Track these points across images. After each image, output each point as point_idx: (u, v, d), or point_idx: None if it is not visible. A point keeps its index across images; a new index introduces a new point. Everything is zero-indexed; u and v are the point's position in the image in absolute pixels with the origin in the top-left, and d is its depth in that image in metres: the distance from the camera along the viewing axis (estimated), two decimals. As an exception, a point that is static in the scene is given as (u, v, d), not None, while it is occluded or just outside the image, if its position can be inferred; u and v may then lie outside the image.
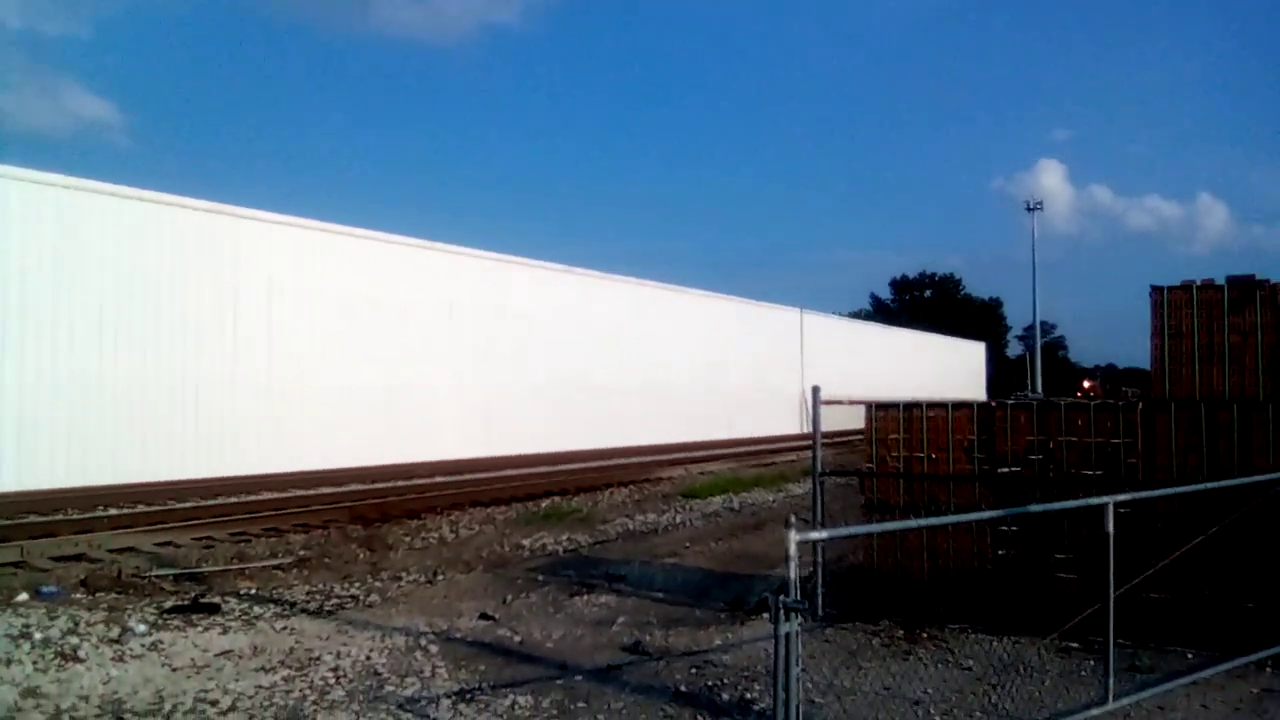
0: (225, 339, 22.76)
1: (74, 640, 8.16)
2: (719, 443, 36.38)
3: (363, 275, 26.42)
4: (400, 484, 21.53)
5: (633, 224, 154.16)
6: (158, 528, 14.40)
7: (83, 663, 7.57)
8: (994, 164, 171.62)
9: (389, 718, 6.40)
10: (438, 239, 29.84)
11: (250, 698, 6.75)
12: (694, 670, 7.34)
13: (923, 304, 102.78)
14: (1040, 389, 66.06)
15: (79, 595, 10.16)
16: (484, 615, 9.30)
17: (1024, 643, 7.67)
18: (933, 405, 9.26)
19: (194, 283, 22.17)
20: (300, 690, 6.93)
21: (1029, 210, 72.24)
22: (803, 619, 4.63)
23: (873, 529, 7.72)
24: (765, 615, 8.59)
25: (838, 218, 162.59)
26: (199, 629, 8.70)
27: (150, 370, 21.06)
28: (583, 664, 7.59)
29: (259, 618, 9.20)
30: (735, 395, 41.78)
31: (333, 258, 25.69)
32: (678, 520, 16.52)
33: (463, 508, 17.75)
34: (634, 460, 28.75)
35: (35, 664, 7.52)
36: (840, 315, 68.05)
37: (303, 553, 13.02)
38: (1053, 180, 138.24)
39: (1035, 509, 7.12)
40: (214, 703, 6.65)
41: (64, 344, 19.62)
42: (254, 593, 10.42)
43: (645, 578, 11.22)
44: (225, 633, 8.60)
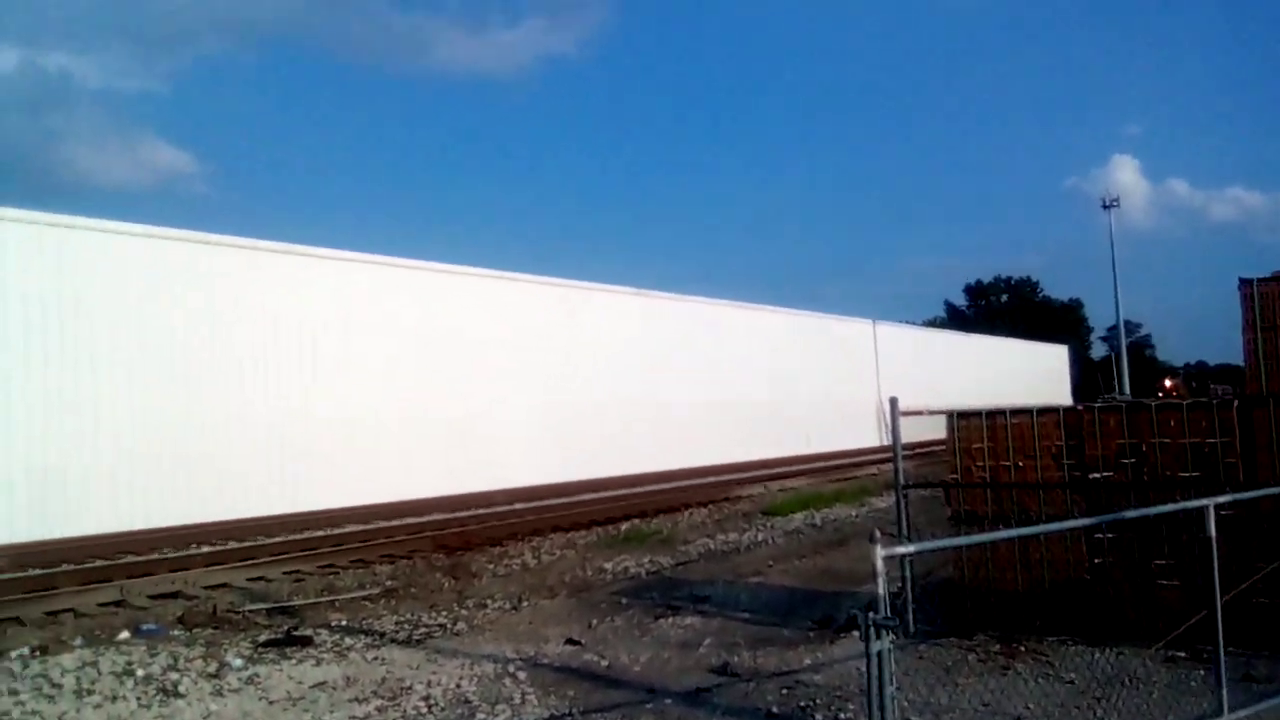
0: (304, 375, 23.27)
1: (174, 676, 8.37)
2: (795, 458, 35.99)
3: (435, 307, 26.86)
4: (480, 511, 21.72)
5: (699, 243, 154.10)
6: (249, 563, 14.73)
7: (183, 698, 7.76)
8: (1067, 162, 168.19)
9: (481, 746, 6.42)
10: (505, 268, 30.25)
11: (345, 729, 6.84)
12: (785, 691, 7.23)
13: (999, 309, 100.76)
14: (1128, 390, 64.10)
15: (177, 632, 10.43)
16: (570, 640, 9.31)
17: (1127, 653, 7.41)
18: (1016, 412, 9.04)
19: (272, 322, 22.76)
20: (393, 720, 7.00)
21: (1105, 208, 70.37)
22: (894, 636, 4.52)
23: (962, 541, 7.52)
24: (855, 633, 8.43)
25: (908, 225, 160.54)
26: (293, 661, 8.86)
27: (234, 409, 21.63)
28: (671, 687, 7.54)
29: (350, 649, 9.34)
30: (810, 410, 41.34)
31: (405, 291, 26.17)
32: (759, 538, 16.37)
33: (543, 533, 17.84)
34: (711, 480, 28.60)
35: (139, 700, 7.73)
36: (914, 324, 67.06)
37: (389, 583, 13.20)
38: (1128, 176, 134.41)
39: (1131, 515, 6.88)
40: (311, 734, 6.75)
41: (154, 385, 20.28)
42: (344, 624, 10.58)
43: (730, 598, 11.13)
44: (318, 664, 8.74)
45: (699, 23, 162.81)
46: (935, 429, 9.91)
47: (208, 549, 16.48)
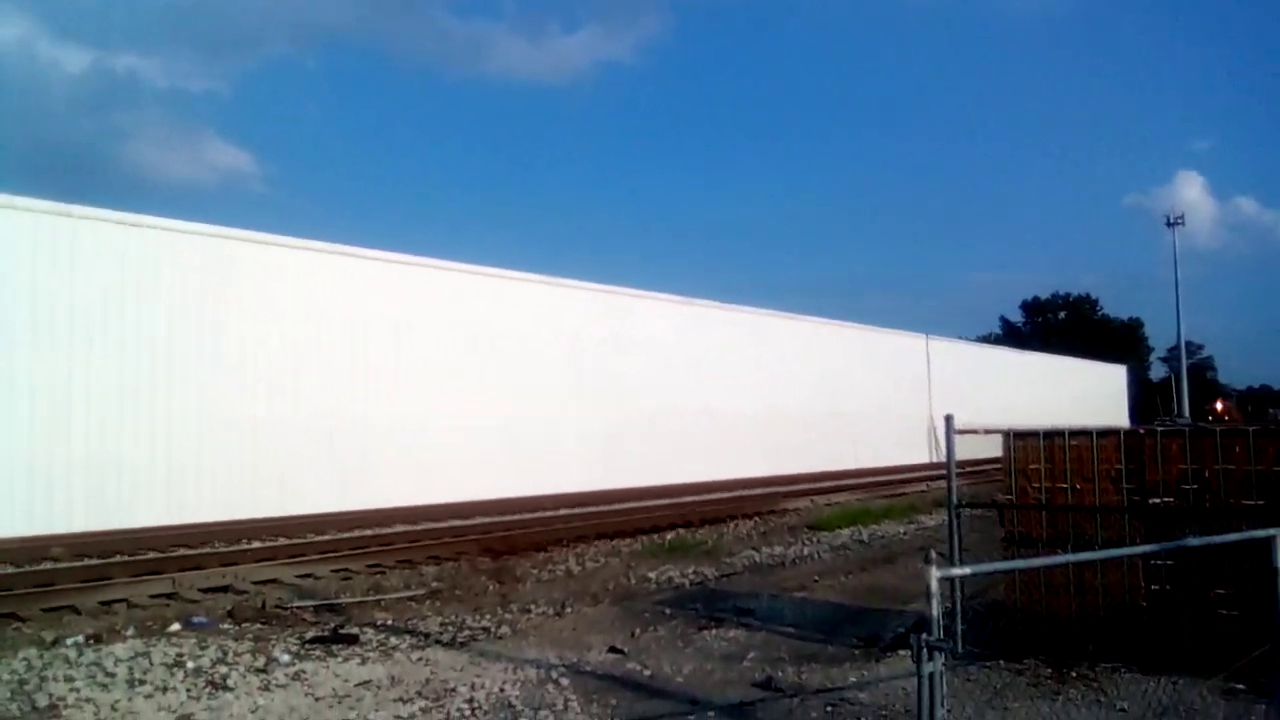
0: (357, 376, 23.60)
1: (223, 669, 8.50)
2: (844, 473, 35.66)
3: (485, 312, 27.08)
4: (526, 516, 21.82)
5: (753, 253, 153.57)
6: (298, 560, 14.93)
7: (232, 691, 7.87)
8: (1129, 178, 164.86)
9: (523, 751, 6.42)
10: (557, 274, 30.41)
11: (389, 728, 6.89)
12: (829, 709, 7.14)
13: (1056, 326, 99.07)
14: (1187, 413, 62.62)
15: (226, 625, 10.59)
16: (613, 648, 9.29)
17: (1183, 684, 7.21)
18: (1075, 433, 8.84)
19: (327, 323, 23.11)
20: (437, 722, 7.03)
21: (1169, 225, 68.88)
22: (946, 658, 4.44)
23: (1017, 565, 7.37)
24: (902, 652, 8.33)
25: (965, 239, 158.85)
26: (339, 659, 8.95)
27: (288, 407, 22.00)
28: (714, 700, 7.48)
29: (395, 648, 9.41)
30: (859, 424, 40.96)
31: (456, 295, 26.43)
32: (805, 553, 16.22)
33: (588, 540, 17.85)
34: (757, 491, 28.43)
35: (189, 692, 7.85)
36: (968, 340, 66.17)
37: (435, 584, 13.29)
38: (1193, 193, 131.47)
39: (1194, 543, 6.69)
40: (355, 733, 6.80)
41: (209, 384, 20.69)
42: (390, 624, 10.67)
43: (774, 612, 11.03)
44: (364, 663, 8.82)
45: (755, 33, 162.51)
46: (987, 447, 9.74)
47: (258, 544, 16.74)
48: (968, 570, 5.42)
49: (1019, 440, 9.07)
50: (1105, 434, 8.75)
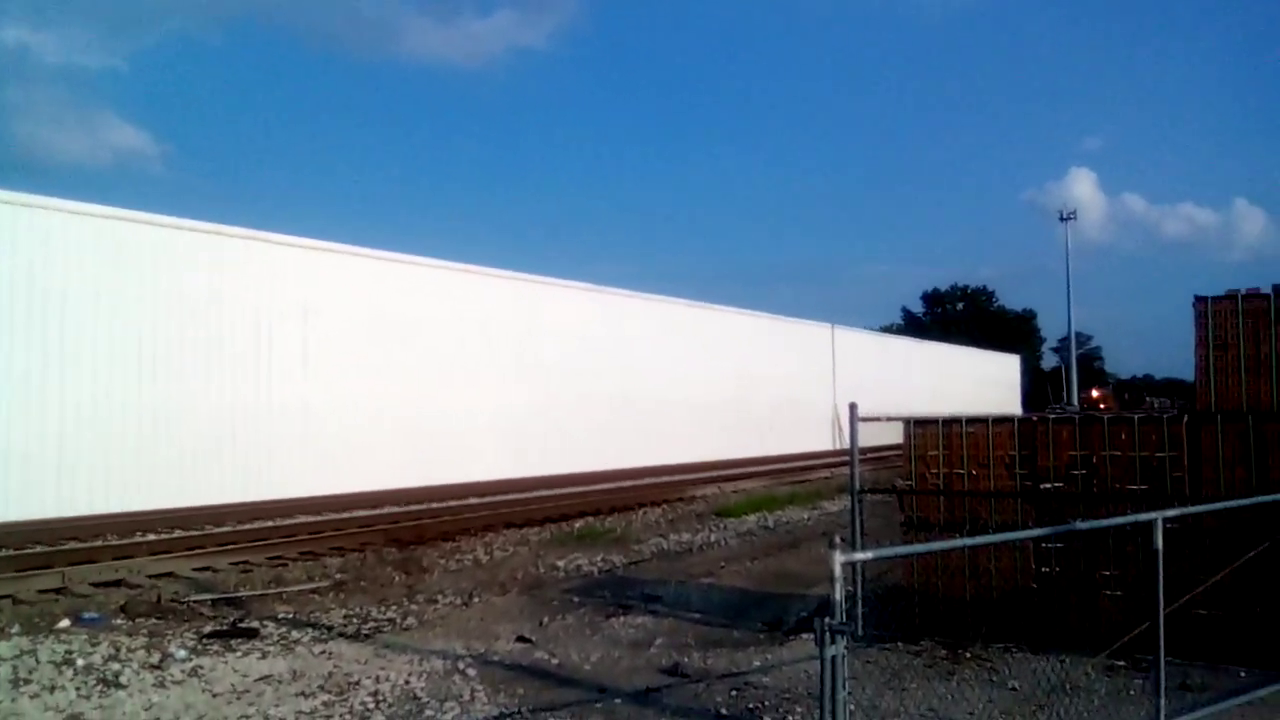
0: (261, 363, 22.96)
1: (115, 666, 8.21)
2: (752, 460, 36.18)
3: (396, 298, 26.61)
4: (434, 506, 21.57)
5: (664, 242, 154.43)
6: (196, 552, 14.49)
7: (124, 689, 7.61)
8: (1025, 174, 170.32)
9: (429, 743, 6.37)
10: (469, 260, 30.07)
11: (290, 723, 6.75)
12: (734, 693, 7.25)
13: (955, 317, 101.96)
14: (1075, 401, 65.20)
15: (119, 621, 10.23)
16: (521, 638, 9.27)
17: (1070, 662, 7.52)
18: (972, 420, 9.13)
19: (230, 308, 22.41)
20: (340, 715, 6.93)
21: (1062, 220, 71.43)
22: (847, 640, 4.54)
23: (917, 549, 7.57)
24: (805, 635, 8.50)
25: (868, 232, 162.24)
26: (238, 654, 8.73)
27: (188, 395, 21.27)
28: (621, 686, 7.53)
29: (297, 642, 9.22)
30: (768, 412, 41.59)
31: (366, 281, 25.90)
32: (712, 539, 16.42)
33: (497, 529, 17.74)
34: (667, 479, 28.65)
35: (78, 690, 7.57)
36: (872, 330, 67.66)
37: (339, 576, 13.05)
38: (1085, 189, 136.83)
39: (1082, 526, 6.99)
40: (254, 728, 6.65)
41: (104, 371, 19.88)
42: (292, 617, 10.45)
43: (681, 598, 11.15)
44: (264, 657, 8.62)
45: (669, 23, 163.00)
46: (890, 434, 10.00)
47: (153, 537, 16.20)
48: (869, 555, 5.55)
49: (919, 428, 9.33)
50: (1000, 421, 9.07)
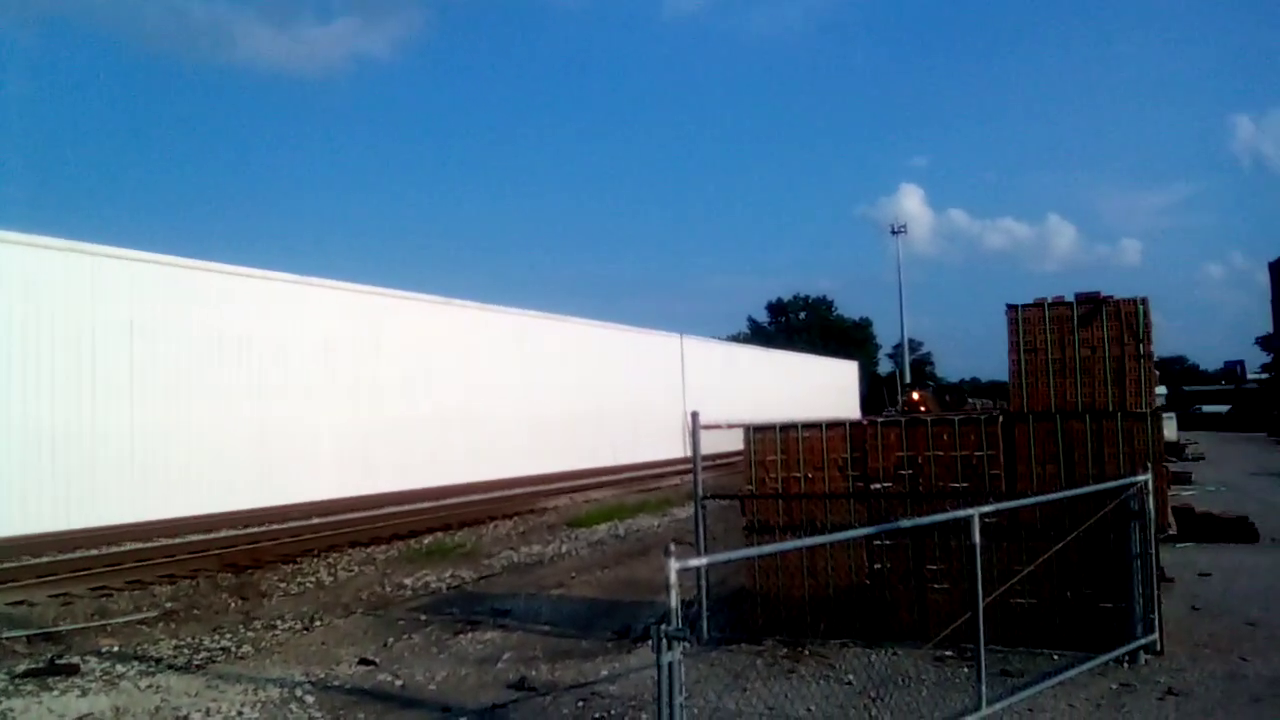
0: (84, 383, 21.57)
1: (-89, 715, 7.56)
2: (603, 470, 36.36)
3: (231, 312, 25.44)
4: (274, 527, 20.76)
5: (514, 255, 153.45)
6: (9, 585, 13.51)
7: (-79, 739, 7.02)
8: (859, 189, 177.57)
9: (263, 775, 6.13)
10: (311, 272, 29.09)
11: (111, 764, 6.37)
12: (581, 704, 7.26)
13: (798, 326, 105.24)
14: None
15: (-82, 665, 9.42)
16: (364, 660, 9.03)
17: (901, 654, 7.86)
18: (808, 425, 9.45)
19: (48, 325, 20.98)
20: (166, 752, 6.58)
21: (893, 233, 75.18)
22: (686, 645, 4.63)
23: (750, 552, 7.80)
24: (651, 643, 8.59)
25: (713, 245, 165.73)
26: (55, 693, 8.18)
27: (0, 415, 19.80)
28: (467, 705, 7.44)
29: (122, 676, 8.71)
30: (619, 422, 41.87)
31: (199, 295, 24.67)
32: (563, 550, 16.41)
33: (341, 549, 17.22)
34: (518, 491, 28.48)
35: None
36: (719, 339, 69.11)
37: (169, 605, 12.40)
38: (914, 204, 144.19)
39: (906, 524, 7.32)
40: (70, 773, 6.25)
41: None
42: (116, 650, 9.86)
43: (531, 611, 11.10)
44: (84, 695, 8.11)
45: (515, 34, 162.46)
46: (734, 441, 10.21)
47: (-41, 572, 14.98)
48: (705, 561, 5.68)
49: (758, 433, 9.59)
50: (833, 425, 9.41)
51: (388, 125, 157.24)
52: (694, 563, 5.40)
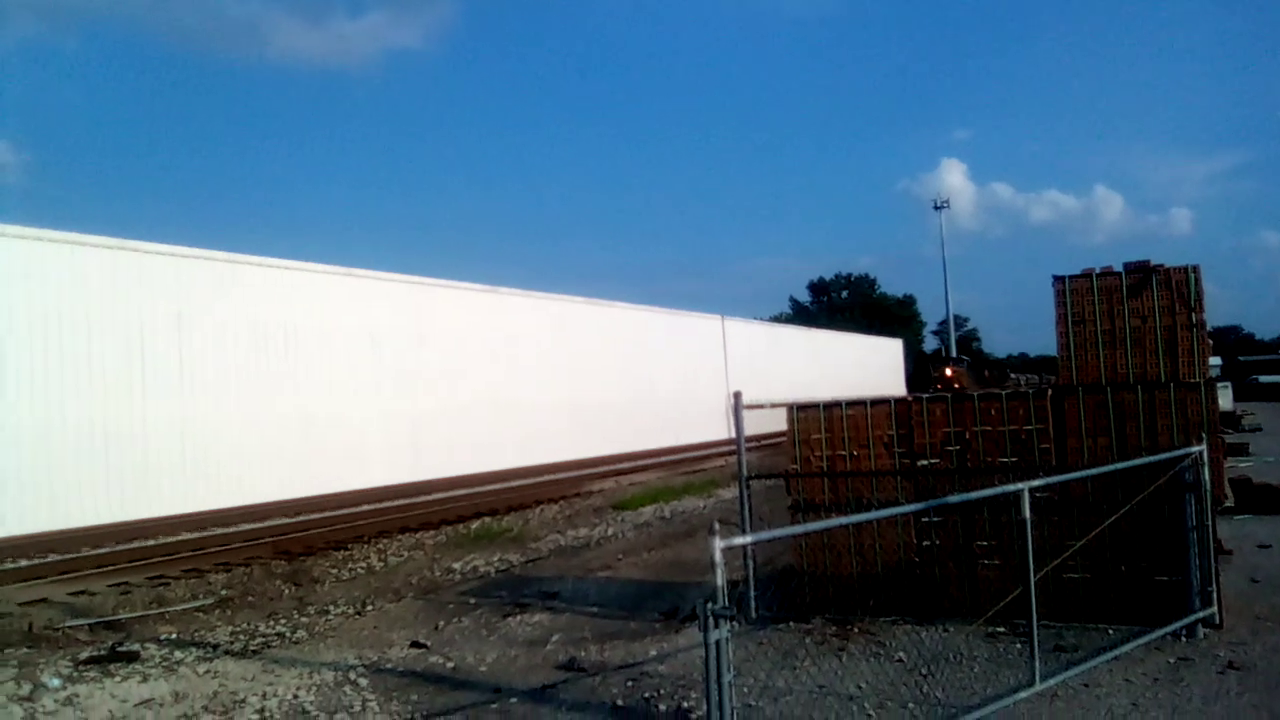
0: (134, 377, 22.00)
1: (-19, 701, 7.79)
2: (648, 453, 36.40)
3: (277, 305, 25.78)
4: (325, 515, 21.07)
5: (555, 241, 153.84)
6: (70, 576, 13.86)
7: (-9, 724, 7.24)
8: (900, 166, 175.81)
9: (319, 756, 6.23)
10: (350, 263, 29.36)
11: (172, 747, 6.52)
12: (630, 684, 7.29)
13: (841, 305, 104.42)
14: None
15: (-14, 653, 9.70)
16: (415, 643, 9.14)
17: (952, 631, 7.81)
18: (851, 403, 9.38)
19: (99, 322, 21.41)
20: (225, 735, 6.71)
21: (936, 209, 74.35)
22: (734, 624, 4.63)
23: (795, 530, 7.76)
24: (698, 622, 8.60)
25: (755, 226, 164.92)
26: (117, 679, 8.37)
27: (55, 413, 20.25)
28: (517, 685, 7.50)
29: (180, 663, 8.89)
30: (662, 405, 41.85)
31: (244, 288, 25.02)
32: (609, 533, 16.47)
33: (390, 535, 17.44)
34: (563, 476, 28.61)
35: (-61, 730, 7.16)
36: (761, 320, 68.76)
37: (225, 592, 12.64)
38: (956, 179, 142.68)
39: (954, 499, 7.25)
40: (134, 755, 6.40)
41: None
42: (175, 637, 10.07)
43: (579, 593, 11.15)
44: (145, 681, 8.29)
45: (553, 21, 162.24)
46: (777, 421, 10.16)
47: (25, 562, 15.40)
48: (749, 539, 5.66)
49: (801, 412, 9.53)
50: (878, 403, 9.33)
51: (424, 117, 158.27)
52: (738, 541, 5.38)
